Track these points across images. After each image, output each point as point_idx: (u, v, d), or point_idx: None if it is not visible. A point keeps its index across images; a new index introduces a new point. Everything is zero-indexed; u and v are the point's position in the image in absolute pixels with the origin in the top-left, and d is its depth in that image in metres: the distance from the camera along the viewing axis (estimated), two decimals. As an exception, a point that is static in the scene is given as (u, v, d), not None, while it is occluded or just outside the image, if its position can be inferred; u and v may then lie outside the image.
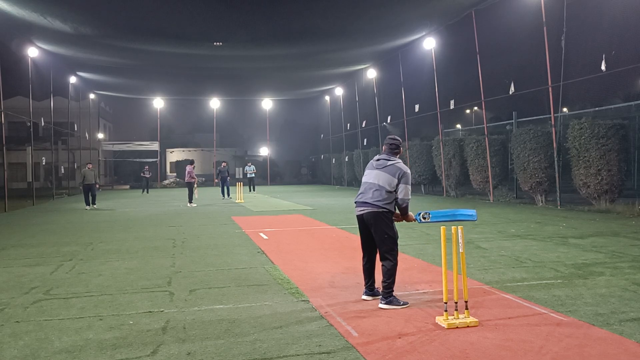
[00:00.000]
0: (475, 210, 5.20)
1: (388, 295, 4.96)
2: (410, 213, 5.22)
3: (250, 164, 26.07)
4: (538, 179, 15.58)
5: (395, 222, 5.22)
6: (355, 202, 5.26)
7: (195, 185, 19.53)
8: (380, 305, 4.96)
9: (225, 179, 23.52)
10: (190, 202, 18.82)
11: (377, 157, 5.32)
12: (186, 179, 19.33)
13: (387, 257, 5.02)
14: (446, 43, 21.10)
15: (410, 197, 5.11)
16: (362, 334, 4.19)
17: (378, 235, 5.06)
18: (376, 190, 5.07)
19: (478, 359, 3.65)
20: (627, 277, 6.05)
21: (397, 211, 5.24)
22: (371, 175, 5.19)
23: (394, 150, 5.28)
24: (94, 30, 19.88)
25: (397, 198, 5.07)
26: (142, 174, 30.32)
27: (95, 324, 4.58)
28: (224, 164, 24.59)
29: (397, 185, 5.05)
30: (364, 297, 5.31)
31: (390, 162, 5.15)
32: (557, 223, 11.36)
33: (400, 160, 5.22)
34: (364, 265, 5.33)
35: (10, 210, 17.73)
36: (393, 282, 5.00)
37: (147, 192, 29.22)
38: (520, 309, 4.85)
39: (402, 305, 4.94)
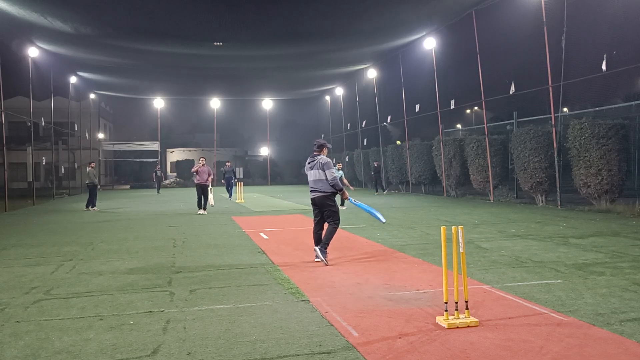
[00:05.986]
0: (385, 220, 7.46)
1: (325, 247, 7.16)
2: (345, 192, 7.42)
3: (339, 166, 16.68)
4: (538, 179, 15.57)
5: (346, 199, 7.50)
6: (310, 190, 7.35)
7: (210, 187, 15.87)
8: (317, 249, 7.12)
9: (229, 180, 21.75)
10: (204, 208, 15.50)
11: (308, 160, 7.38)
12: (203, 179, 15.51)
13: (331, 222, 7.29)
14: (446, 43, 21.09)
15: (334, 176, 7.08)
16: (363, 334, 4.19)
17: (326, 209, 7.30)
18: (318, 181, 7.23)
19: (478, 359, 3.65)
20: (627, 277, 6.05)
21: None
22: (311, 174, 7.32)
23: (316, 149, 7.40)
24: (95, 30, 19.89)
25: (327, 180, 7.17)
26: (154, 173, 30.21)
27: (96, 324, 4.58)
28: (228, 163, 23.23)
29: (324, 173, 7.16)
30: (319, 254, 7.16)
31: (315, 160, 7.30)
32: (557, 223, 11.36)
33: (322, 155, 7.33)
34: (317, 232, 7.40)
35: (11, 210, 17.74)
36: (330, 240, 7.22)
37: (158, 192, 29.06)
38: (520, 309, 4.85)
39: (326, 263, 7.02)
